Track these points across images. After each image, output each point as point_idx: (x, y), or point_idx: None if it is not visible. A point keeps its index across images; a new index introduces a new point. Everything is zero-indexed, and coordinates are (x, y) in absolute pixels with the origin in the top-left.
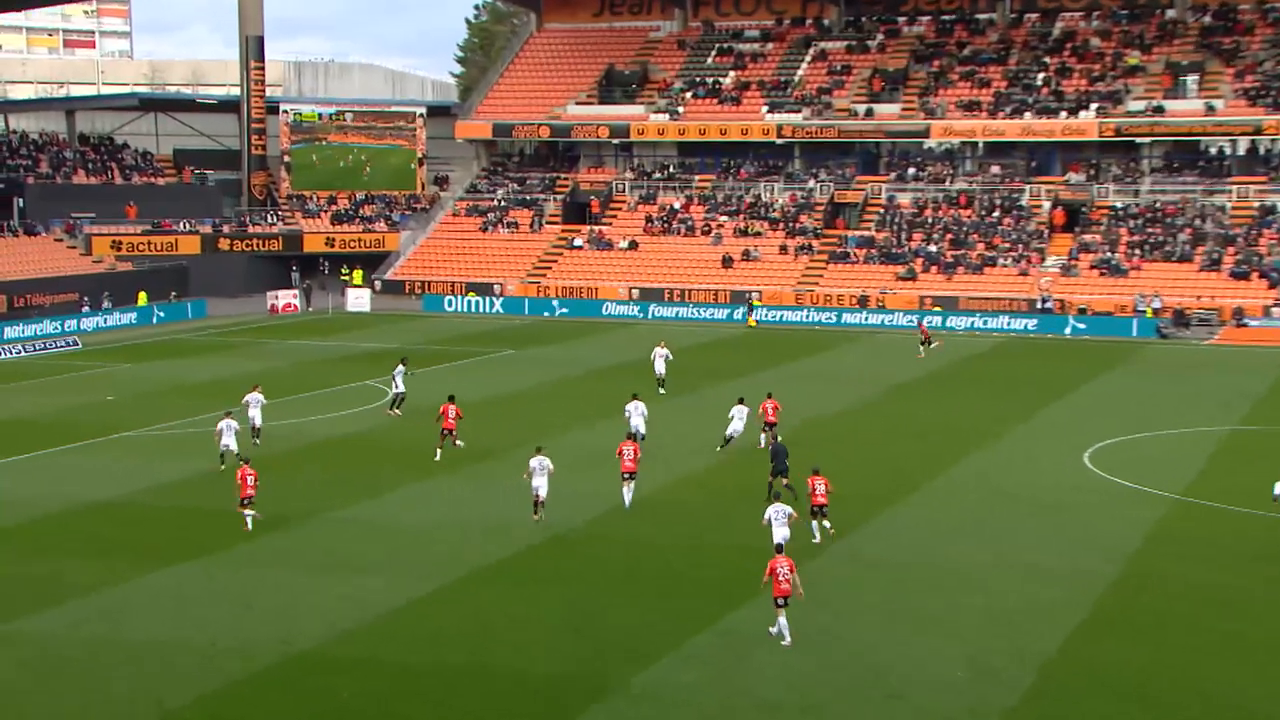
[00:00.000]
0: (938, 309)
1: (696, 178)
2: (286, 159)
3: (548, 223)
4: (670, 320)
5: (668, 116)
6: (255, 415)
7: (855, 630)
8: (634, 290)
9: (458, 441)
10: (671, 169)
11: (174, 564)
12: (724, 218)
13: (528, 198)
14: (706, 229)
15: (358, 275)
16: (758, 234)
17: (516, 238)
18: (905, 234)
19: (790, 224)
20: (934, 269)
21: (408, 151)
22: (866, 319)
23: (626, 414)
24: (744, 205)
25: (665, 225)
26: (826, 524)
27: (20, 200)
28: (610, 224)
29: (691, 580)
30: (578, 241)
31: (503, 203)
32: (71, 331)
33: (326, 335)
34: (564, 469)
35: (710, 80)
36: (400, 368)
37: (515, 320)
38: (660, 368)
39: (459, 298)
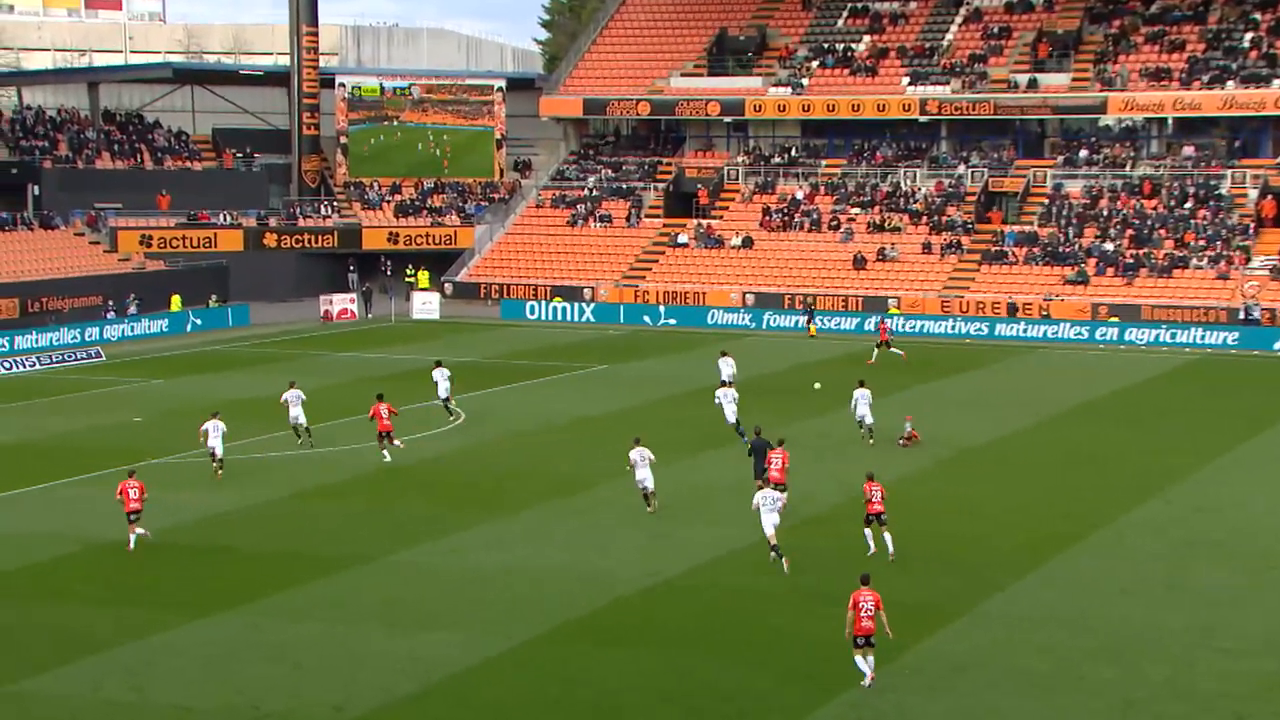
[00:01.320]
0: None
1: (823, 163)
2: (343, 140)
3: (647, 216)
4: (790, 331)
5: (790, 90)
6: (297, 413)
7: (1007, 703)
8: (748, 295)
9: (397, 442)
10: (793, 152)
11: (209, 614)
12: (856, 210)
13: (624, 186)
14: (835, 224)
15: (424, 277)
16: (896, 229)
17: (610, 233)
18: (1075, 229)
19: (935, 217)
20: (1110, 271)
21: (484, 132)
22: (1026, 331)
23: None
24: (879, 195)
25: (785, 219)
26: (887, 536)
27: (36, 187)
28: (720, 217)
29: (807, 639)
30: (682, 238)
31: (594, 192)
32: (93, 341)
33: (388, 347)
34: (665, 507)
35: (841, 47)
36: (443, 371)
37: (608, 330)
38: (726, 374)
39: (543, 303)
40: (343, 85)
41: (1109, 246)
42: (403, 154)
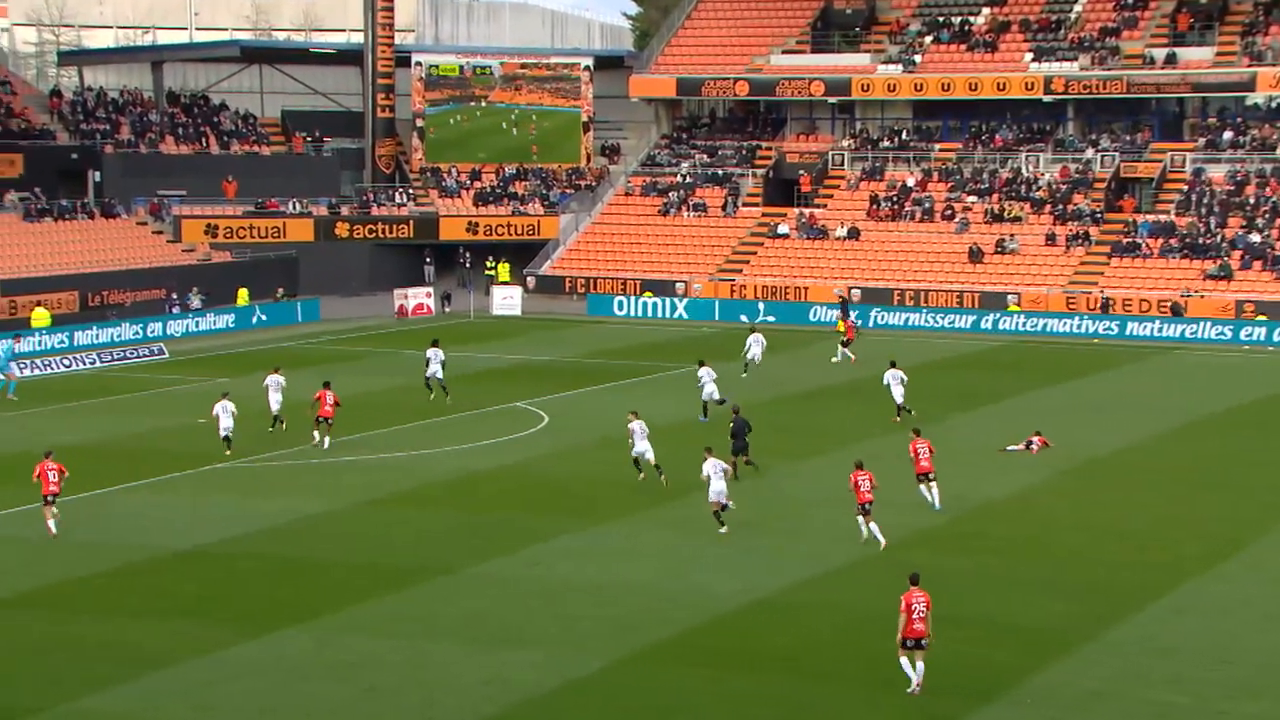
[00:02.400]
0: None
1: (936, 147)
2: (419, 123)
3: (745, 204)
4: (900, 330)
5: (901, 68)
6: (275, 399)
7: None
8: (853, 290)
9: (325, 438)
10: (904, 135)
11: (277, 630)
12: (972, 198)
13: (720, 172)
14: (949, 212)
15: (505, 270)
16: (1016, 219)
17: (705, 223)
18: (1217, 219)
19: (1060, 206)
20: (1257, 265)
21: (570, 114)
22: (1161, 330)
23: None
24: (999, 182)
25: (895, 207)
26: (874, 525)
27: (97, 174)
28: (824, 206)
29: (926, 665)
30: (783, 228)
31: (688, 179)
32: (156, 337)
33: (466, 344)
34: (763, 520)
35: (958, 20)
36: (436, 352)
37: (702, 327)
38: (756, 354)
39: (632, 299)
40: (419, 64)
41: (1255, 238)
42: (483, 138)
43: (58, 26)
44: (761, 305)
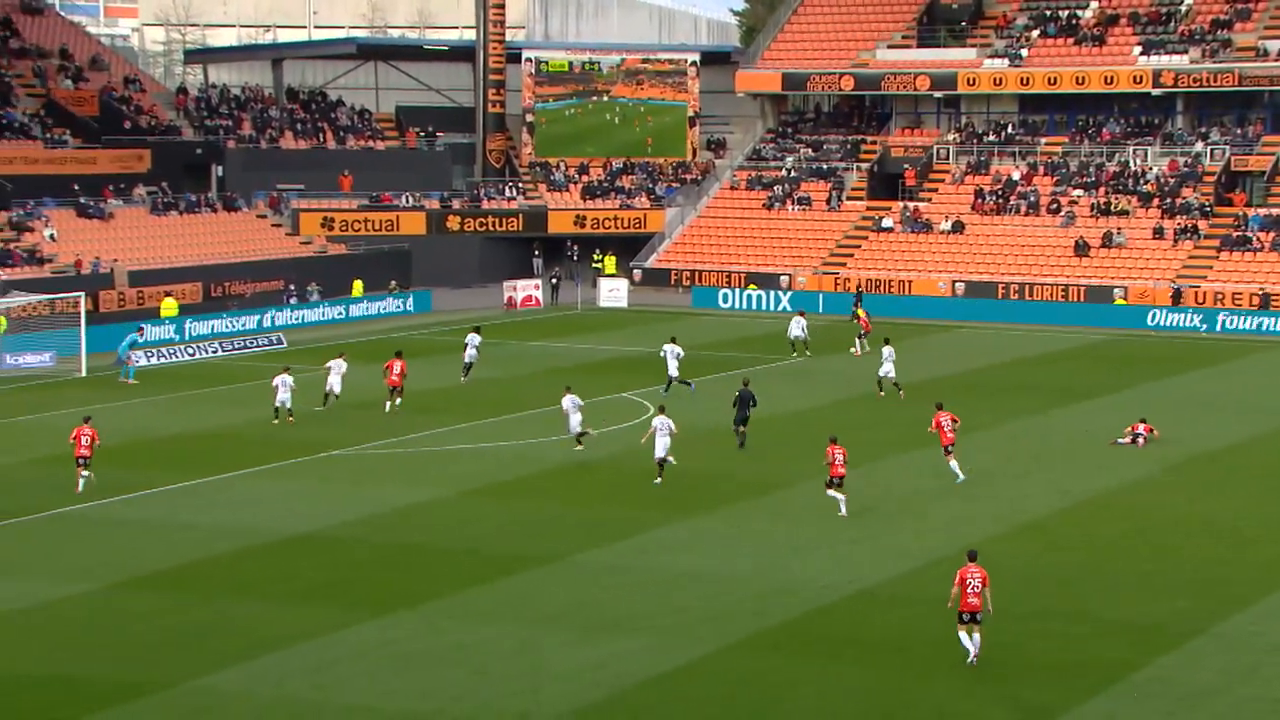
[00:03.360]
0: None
1: (1043, 140)
2: (529, 118)
3: (849, 198)
4: (1002, 324)
5: (1007, 62)
6: (335, 382)
7: None
8: (958, 284)
9: (398, 401)
10: (1010, 129)
11: (390, 612)
12: (1078, 192)
13: (824, 166)
14: (1055, 206)
15: (611, 262)
16: (1124, 213)
17: (810, 217)
18: None
19: (1168, 200)
20: None
21: (677, 108)
22: (1274, 325)
23: None
24: (1106, 175)
25: (1000, 201)
26: (840, 495)
27: (219, 168)
28: (929, 200)
29: (1020, 658)
30: (887, 222)
31: (793, 173)
32: (274, 327)
33: (573, 336)
34: (866, 511)
35: (1065, 14)
36: (474, 337)
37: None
38: (672, 368)
39: (736, 291)
40: (529, 60)
41: None
42: (591, 133)
43: (184, 26)
44: (805, 298)
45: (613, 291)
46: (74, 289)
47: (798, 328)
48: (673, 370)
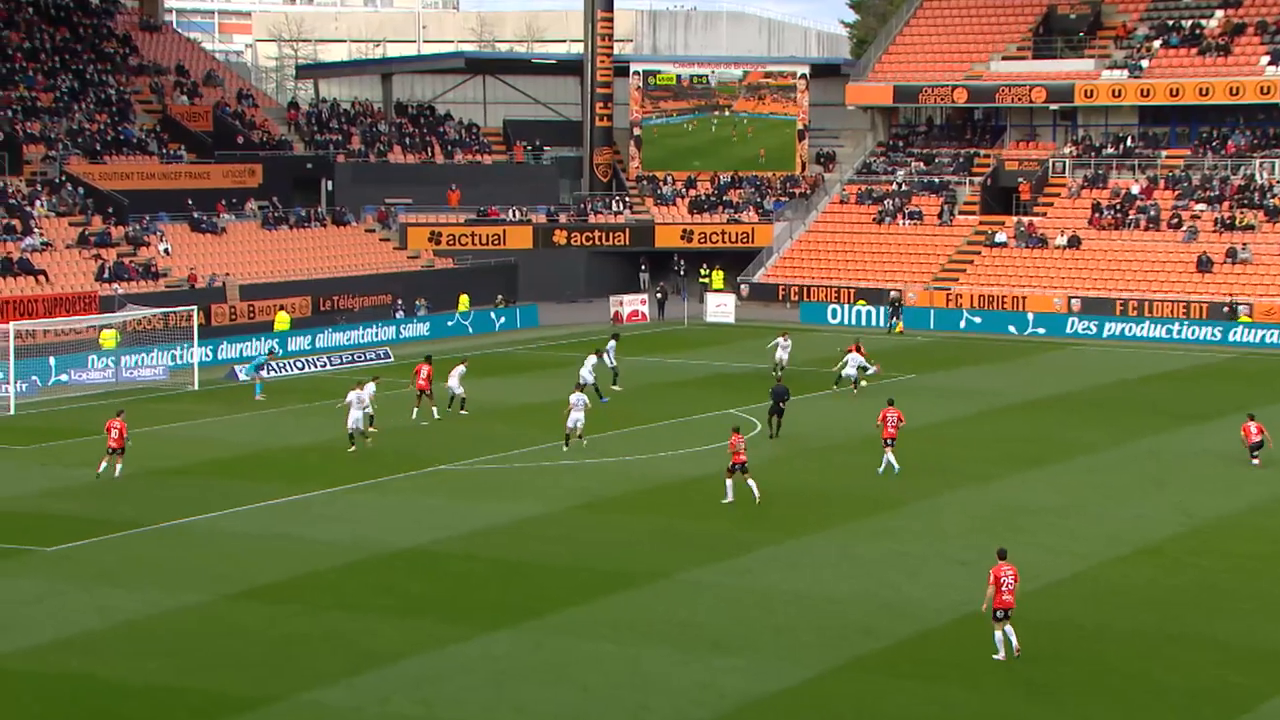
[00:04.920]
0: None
1: (1163, 153)
2: (636, 131)
3: (961, 212)
4: (1121, 340)
5: (1127, 73)
6: (454, 384)
7: None
8: (1074, 300)
9: (432, 408)
10: (1129, 142)
11: (495, 629)
12: (1201, 206)
13: (936, 180)
14: (1176, 221)
15: (718, 277)
16: (1249, 227)
17: (921, 231)
18: None
19: None
20: None
21: (786, 122)
22: None
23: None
24: (1230, 189)
25: (1119, 216)
26: (751, 482)
27: (329, 183)
28: (1044, 214)
29: (1145, 683)
30: (1000, 237)
31: (904, 187)
32: (382, 341)
33: (680, 351)
34: (977, 530)
35: (1188, 23)
36: (611, 343)
37: (917, 336)
38: (782, 356)
39: (846, 307)
40: (637, 73)
41: None
42: (699, 146)
43: (296, 41)
44: (968, 313)
45: (720, 307)
46: (187, 303)
47: (783, 351)
48: (585, 378)
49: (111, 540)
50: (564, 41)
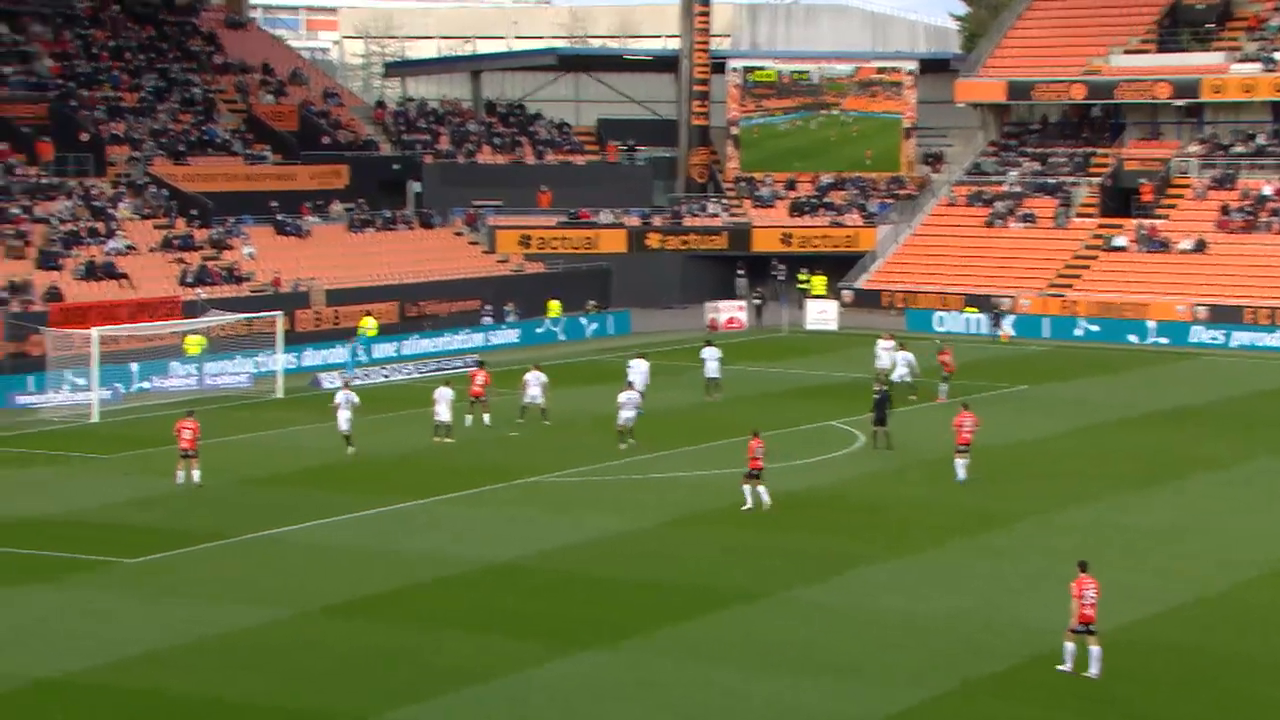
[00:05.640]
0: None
1: None
2: (734, 130)
3: (1078, 215)
4: (1250, 351)
5: (1260, 67)
6: (536, 394)
7: None
8: (1199, 308)
9: (484, 417)
10: (1260, 140)
11: (590, 647)
12: None
13: (1051, 181)
14: None
15: (819, 283)
16: None
17: (1034, 235)
18: None
19: None
20: None
21: (891, 120)
22: None
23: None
24: None
25: (1249, 219)
26: (762, 489)
27: (417, 184)
28: (1167, 217)
29: (1262, 708)
30: (1119, 241)
31: (1017, 188)
32: (471, 348)
33: (779, 360)
34: (1095, 552)
35: None
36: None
37: (1030, 345)
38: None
39: (954, 314)
40: (735, 70)
41: None
42: (799, 145)
43: (384, 38)
44: (1085, 321)
45: (821, 313)
46: (271, 307)
47: (714, 365)
48: (534, 397)
49: (195, 552)
50: (659, 37)
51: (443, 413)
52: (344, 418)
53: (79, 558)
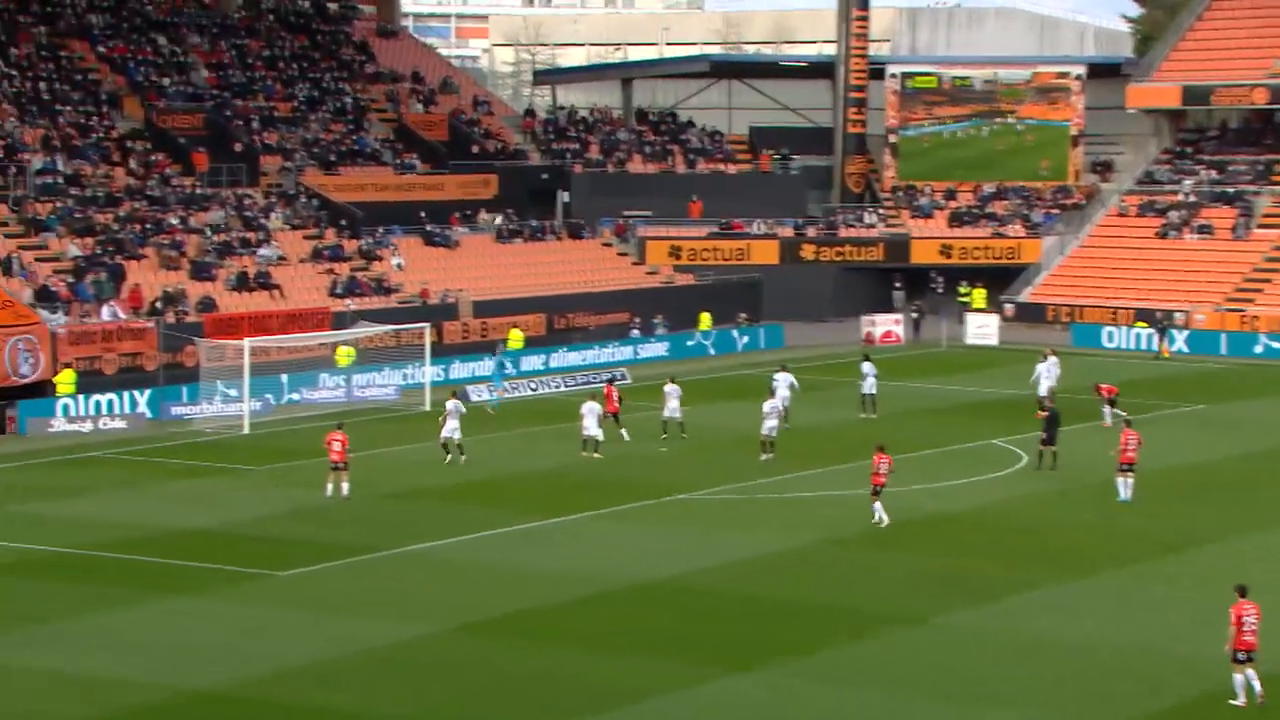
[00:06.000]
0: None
1: None
2: (892, 138)
3: (1260, 226)
4: None
5: None
6: (675, 408)
7: None
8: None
9: (622, 431)
10: None
11: (740, 670)
12: None
13: (1229, 190)
14: None
15: (980, 296)
16: None
17: (1211, 247)
18: None
19: None
20: None
21: (1058, 127)
22: None
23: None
24: None
25: None
26: (878, 505)
27: (565, 194)
28: None
29: None
30: None
31: (1192, 198)
32: (619, 362)
33: (937, 376)
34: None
35: None
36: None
37: (1207, 363)
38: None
39: (1123, 330)
40: (894, 76)
41: None
42: (960, 154)
43: (534, 46)
44: (1266, 338)
45: (981, 328)
46: (419, 319)
47: (871, 381)
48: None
49: (345, 566)
50: (814, 43)
51: (590, 427)
52: (451, 426)
53: (233, 569)
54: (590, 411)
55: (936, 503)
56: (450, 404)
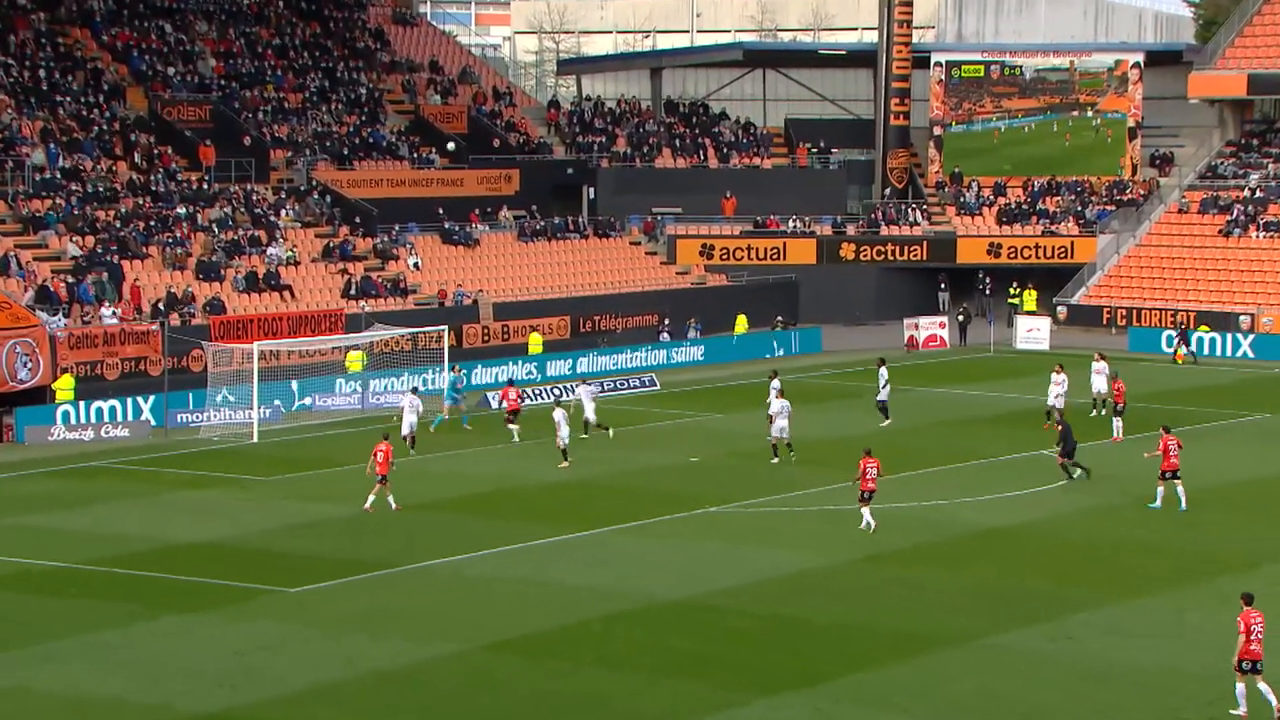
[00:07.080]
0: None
1: None
2: (937, 131)
3: None
4: None
5: None
6: (782, 426)
7: None
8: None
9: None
10: None
11: (775, 693)
12: None
13: None
14: None
15: (1030, 298)
16: None
17: (1278, 245)
18: None
19: None
20: None
21: (1114, 119)
22: None
23: None
24: None
25: None
26: (866, 511)
27: (591, 190)
28: None
29: None
30: None
31: (1259, 193)
32: (648, 367)
33: (985, 381)
34: None
35: None
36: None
37: (1275, 368)
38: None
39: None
40: (939, 65)
41: None
42: (1010, 147)
43: (558, 34)
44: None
45: (1032, 331)
46: (437, 321)
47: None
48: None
49: (358, 582)
50: (855, 30)
51: (565, 437)
52: (409, 421)
53: (240, 585)
54: (563, 420)
55: (986, 516)
56: (408, 400)
